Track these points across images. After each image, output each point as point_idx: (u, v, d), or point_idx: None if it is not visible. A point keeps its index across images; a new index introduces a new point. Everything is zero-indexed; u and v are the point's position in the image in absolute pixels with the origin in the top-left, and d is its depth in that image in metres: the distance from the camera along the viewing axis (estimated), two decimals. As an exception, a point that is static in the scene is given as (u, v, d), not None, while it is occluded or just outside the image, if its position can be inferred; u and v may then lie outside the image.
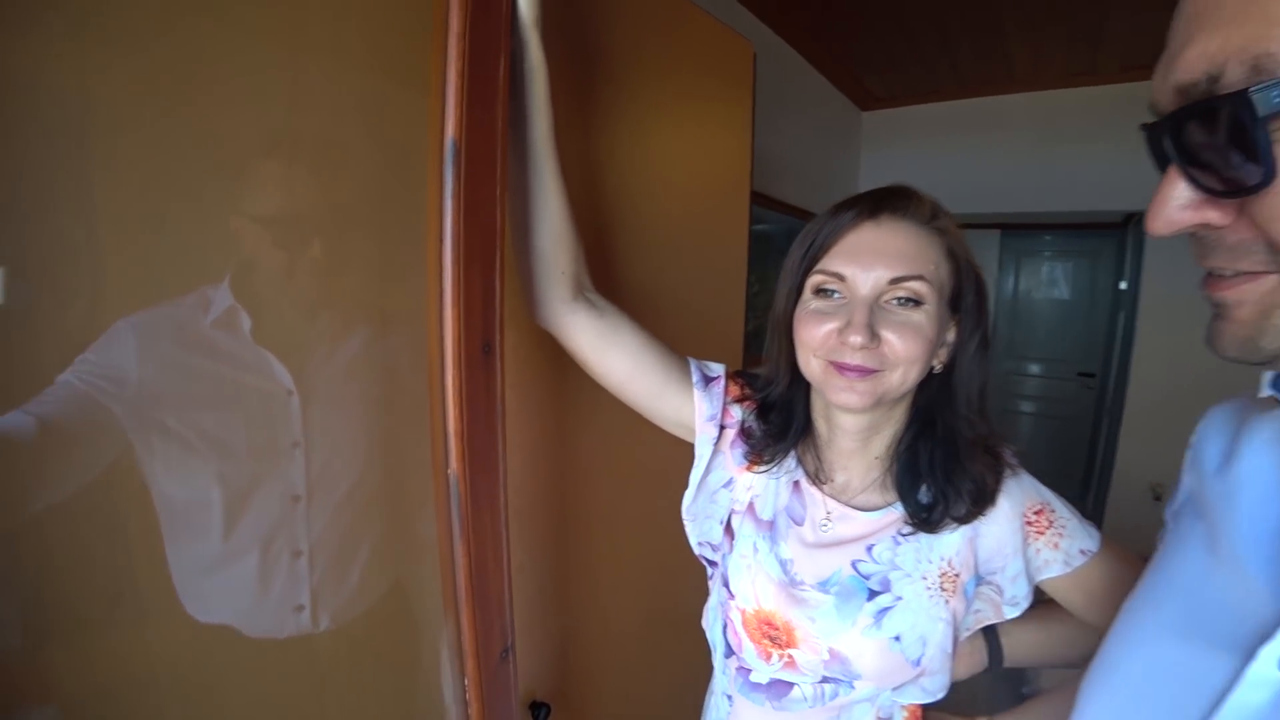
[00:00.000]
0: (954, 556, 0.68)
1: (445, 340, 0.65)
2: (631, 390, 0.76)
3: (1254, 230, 0.35)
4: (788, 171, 2.94)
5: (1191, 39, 0.34)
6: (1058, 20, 2.48)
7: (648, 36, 1.00)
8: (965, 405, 0.67)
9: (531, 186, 0.71)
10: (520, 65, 0.68)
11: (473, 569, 0.73)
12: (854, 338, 0.60)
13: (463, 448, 0.68)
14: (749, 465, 0.75)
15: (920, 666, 0.67)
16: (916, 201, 0.65)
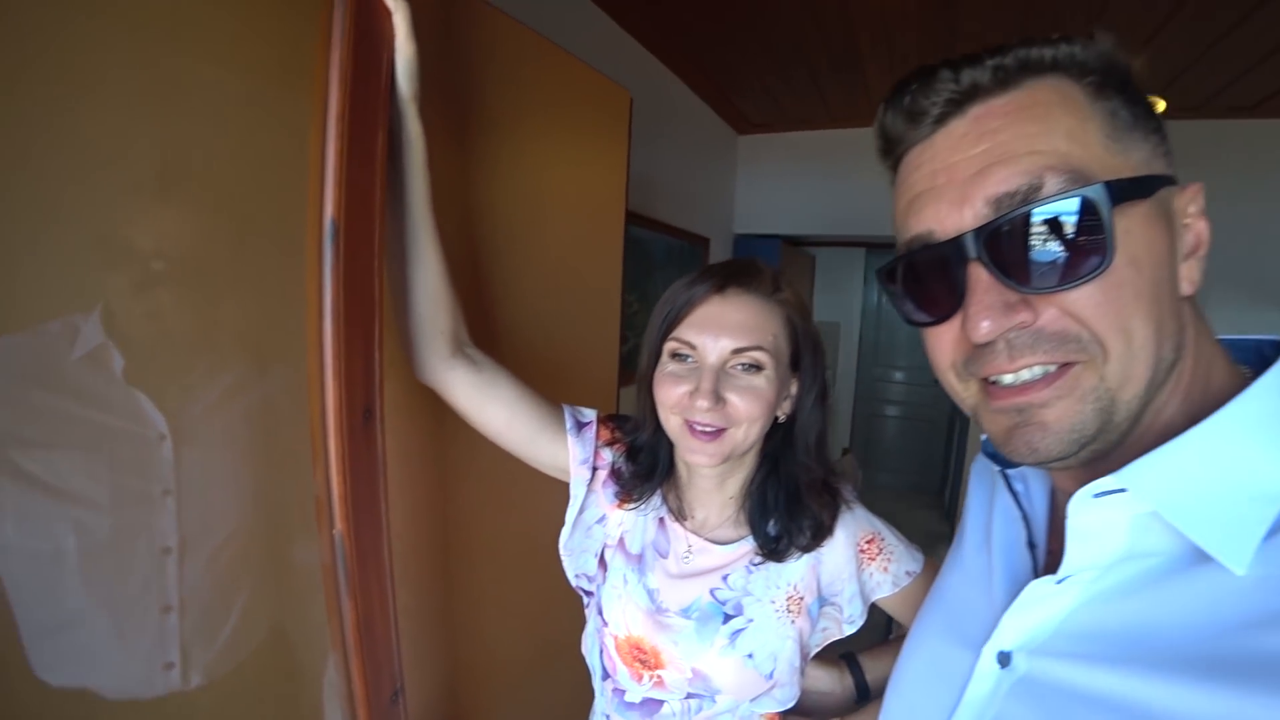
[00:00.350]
0: (799, 582, 0.78)
1: (327, 409, 0.67)
2: (509, 438, 0.82)
3: (1070, 320, 0.38)
4: (666, 192, 3.05)
5: (997, 164, 0.39)
6: (909, 60, 2.78)
7: (528, 89, 1.04)
8: (804, 452, 0.77)
9: (410, 253, 0.74)
10: (398, 137, 0.71)
11: (360, 621, 0.75)
12: (701, 402, 0.69)
13: (346, 509, 0.71)
14: (619, 503, 0.83)
15: (772, 679, 0.77)
16: (760, 277, 0.74)
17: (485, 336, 0.97)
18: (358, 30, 0.62)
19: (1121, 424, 0.39)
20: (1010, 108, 0.40)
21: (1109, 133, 0.39)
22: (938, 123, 0.43)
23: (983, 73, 0.41)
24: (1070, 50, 0.41)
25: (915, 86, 0.43)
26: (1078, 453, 0.40)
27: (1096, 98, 0.40)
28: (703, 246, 3.52)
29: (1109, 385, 0.38)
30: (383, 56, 0.66)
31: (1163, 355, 0.39)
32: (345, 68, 0.61)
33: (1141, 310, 0.38)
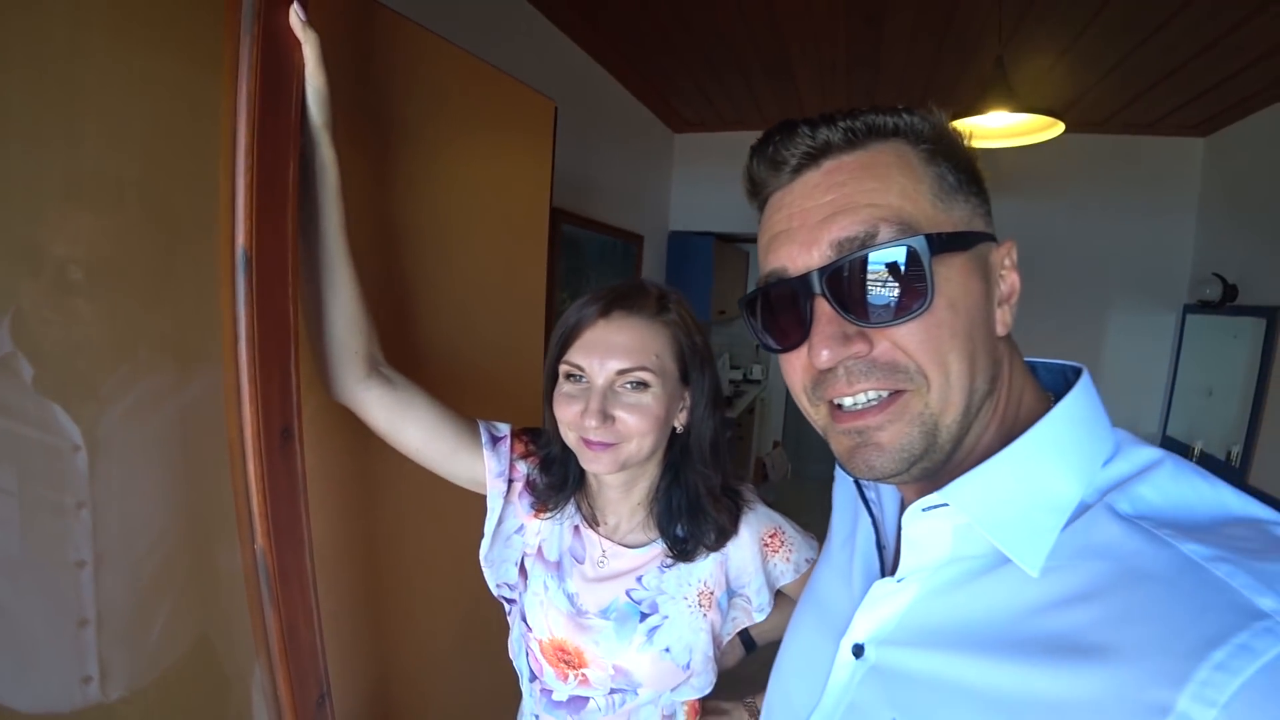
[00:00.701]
0: (708, 578, 0.83)
1: (244, 431, 0.69)
2: (426, 456, 0.85)
3: (900, 352, 0.44)
4: (601, 190, 3.08)
5: (841, 212, 0.44)
6: (837, 77, 2.88)
7: (449, 103, 1.06)
8: (700, 460, 0.82)
9: (324, 278, 0.76)
10: (310, 165, 0.72)
11: (284, 630, 0.77)
12: (589, 421, 0.74)
13: (267, 525, 0.73)
14: (536, 513, 0.87)
15: (689, 670, 0.83)
16: (644, 300, 0.78)
17: (407, 353, 1.00)
18: (265, 62, 0.64)
19: (945, 445, 0.45)
20: (856, 165, 0.46)
21: (936, 193, 0.45)
22: (795, 172, 0.48)
23: (835, 133, 0.46)
24: (910, 120, 0.47)
25: (778, 139, 0.48)
26: (909, 470, 0.45)
27: (929, 163, 0.46)
28: (637, 244, 3.56)
29: (932, 411, 0.44)
30: (293, 87, 0.67)
31: (976, 386, 0.44)
32: (253, 100, 0.63)
33: (957, 347, 0.43)
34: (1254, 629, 0.30)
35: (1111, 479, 0.43)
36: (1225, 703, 0.29)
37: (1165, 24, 2.15)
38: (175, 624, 0.68)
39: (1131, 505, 0.40)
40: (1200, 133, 3.24)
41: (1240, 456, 2.83)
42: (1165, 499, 0.40)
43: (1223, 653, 0.30)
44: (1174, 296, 3.43)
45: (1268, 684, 0.29)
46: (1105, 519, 0.40)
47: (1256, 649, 0.30)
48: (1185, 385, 3.38)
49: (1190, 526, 0.38)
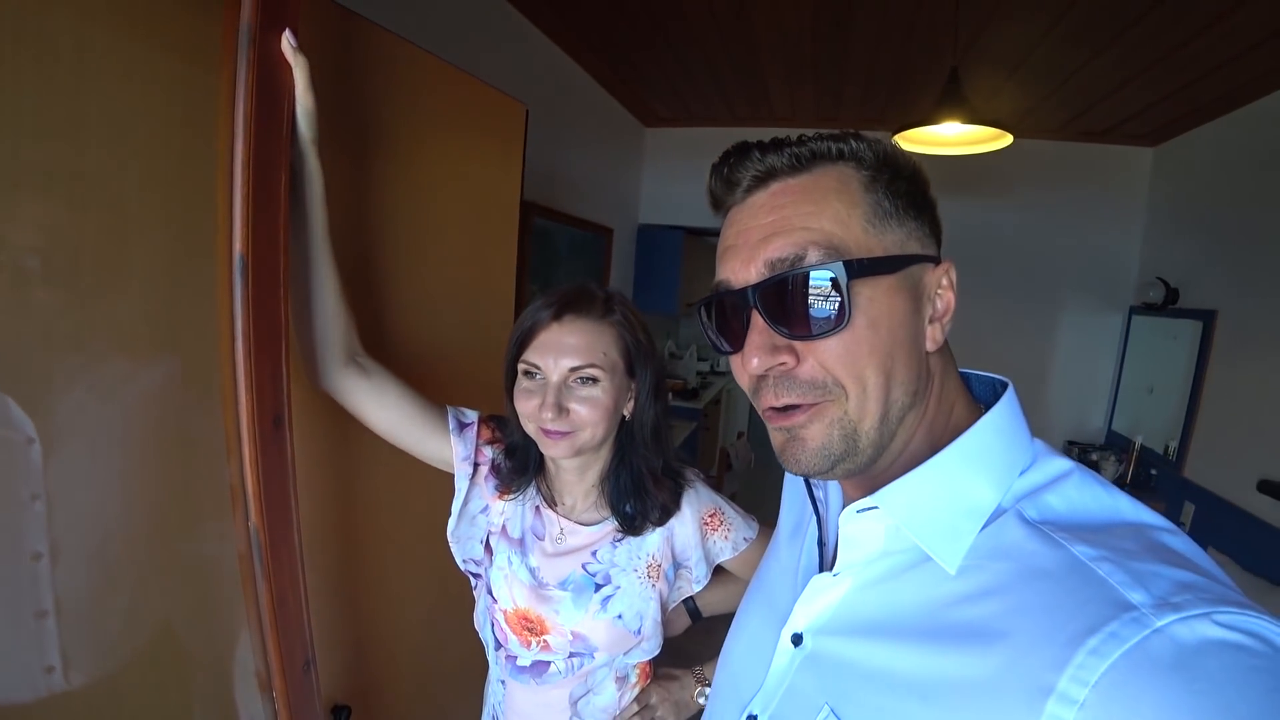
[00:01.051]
0: (656, 552, 0.93)
1: (241, 420, 0.76)
2: (399, 438, 0.93)
3: (820, 369, 0.47)
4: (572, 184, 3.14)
5: (777, 234, 0.48)
6: (805, 79, 2.97)
7: (426, 110, 1.12)
8: (643, 444, 0.92)
9: (310, 278, 0.83)
10: (299, 176, 0.79)
11: (274, 601, 0.85)
12: (546, 414, 0.83)
13: (260, 505, 0.80)
14: (500, 494, 0.96)
15: (640, 634, 0.93)
16: (592, 303, 0.87)
17: (384, 343, 1.07)
18: (260, 85, 0.70)
19: (866, 449, 0.48)
20: (798, 188, 0.49)
21: (869, 218, 0.48)
22: (747, 191, 0.51)
23: (781, 158, 0.50)
24: (856, 146, 0.50)
25: (733, 160, 0.51)
26: (832, 468, 0.49)
27: (868, 189, 0.49)
28: (606, 237, 3.62)
29: (851, 418, 0.48)
30: (284, 107, 0.74)
31: (894, 399, 0.48)
32: (250, 120, 0.69)
33: (875, 363, 0.47)
34: (1123, 619, 0.34)
35: (1025, 488, 0.47)
36: (1095, 682, 0.33)
37: (1117, 39, 2.27)
38: (141, 611, 0.71)
39: (1038, 511, 0.45)
40: (1149, 143, 3.40)
41: (1176, 451, 3.01)
42: (1068, 506, 0.45)
43: (1096, 639, 0.34)
44: (1121, 298, 3.60)
45: (1129, 666, 0.33)
46: (1014, 524, 0.45)
47: (1123, 636, 0.34)
48: (1129, 383, 3.57)
49: (1084, 530, 0.42)
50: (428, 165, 1.14)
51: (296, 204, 0.80)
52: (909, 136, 2.14)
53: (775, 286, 0.47)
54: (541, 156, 2.78)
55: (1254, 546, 2.45)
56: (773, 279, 0.48)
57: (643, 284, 4.20)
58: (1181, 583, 0.36)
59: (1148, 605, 0.35)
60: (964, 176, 3.50)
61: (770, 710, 0.55)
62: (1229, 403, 2.75)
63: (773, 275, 0.48)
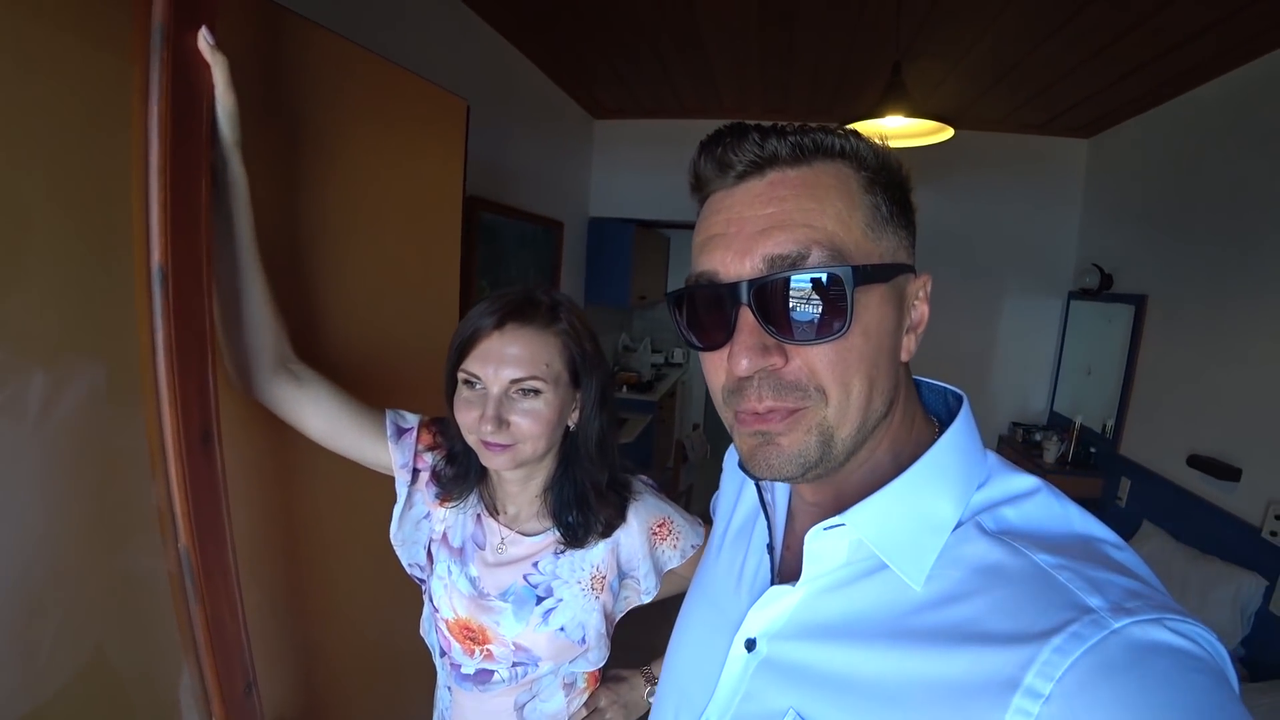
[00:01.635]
0: (600, 563, 0.91)
1: (165, 437, 0.72)
2: (335, 444, 0.90)
3: (805, 372, 0.46)
4: (520, 177, 3.08)
5: (778, 227, 0.45)
6: (752, 72, 2.98)
7: (359, 106, 1.09)
8: (587, 457, 0.89)
9: (237, 286, 0.79)
10: (222, 180, 0.75)
11: (209, 623, 0.81)
12: (485, 427, 0.80)
13: (190, 526, 0.76)
14: (440, 502, 0.94)
15: (585, 644, 0.92)
16: (535, 311, 0.84)
17: (321, 348, 1.04)
18: (175, 85, 0.66)
19: (839, 455, 0.48)
20: (798, 181, 0.47)
21: (869, 222, 0.47)
22: (740, 177, 0.48)
23: (783, 145, 0.47)
24: (856, 145, 0.48)
25: (729, 141, 0.48)
26: (804, 474, 0.48)
27: (867, 190, 0.48)
28: (557, 230, 3.58)
29: (830, 424, 0.47)
30: (202, 108, 0.70)
31: (874, 407, 0.48)
32: (164, 122, 0.65)
33: (862, 371, 0.46)
34: (1084, 621, 0.37)
35: (982, 502, 0.48)
36: (1060, 677, 0.36)
37: (1052, 35, 2.35)
38: (70, 638, 0.69)
39: (995, 523, 0.47)
40: (1084, 134, 3.54)
41: (1113, 429, 3.16)
42: (1023, 518, 0.47)
43: (1060, 638, 0.37)
44: (1060, 284, 3.75)
45: (1090, 663, 0.36)
46: (974, 534, 0.46)
47: (1084, 635, 0.36)
48: (1069, 365, 3.72)
49: (1041, 540, 0.44)
50: (363, 165, 1.11)
51: (220, 209, 0.76)
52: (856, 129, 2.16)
53: (773, 284, 0.45)
54: (487, 149, 2.72)
55: (1185, 518, 2.59)
56: (772, 276, 0.45)
57: (595, 277, 4.17)
58: (1130, 590, 0.39)
59: (1104, 609, 0.37)
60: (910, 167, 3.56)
61: (728, 718, 0.54)
62: (1160, 382, 2.89)
63: (773, 272, 0.45)
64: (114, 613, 0.75)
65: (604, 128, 4.09)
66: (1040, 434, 3.52)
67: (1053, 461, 3.29)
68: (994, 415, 3.90)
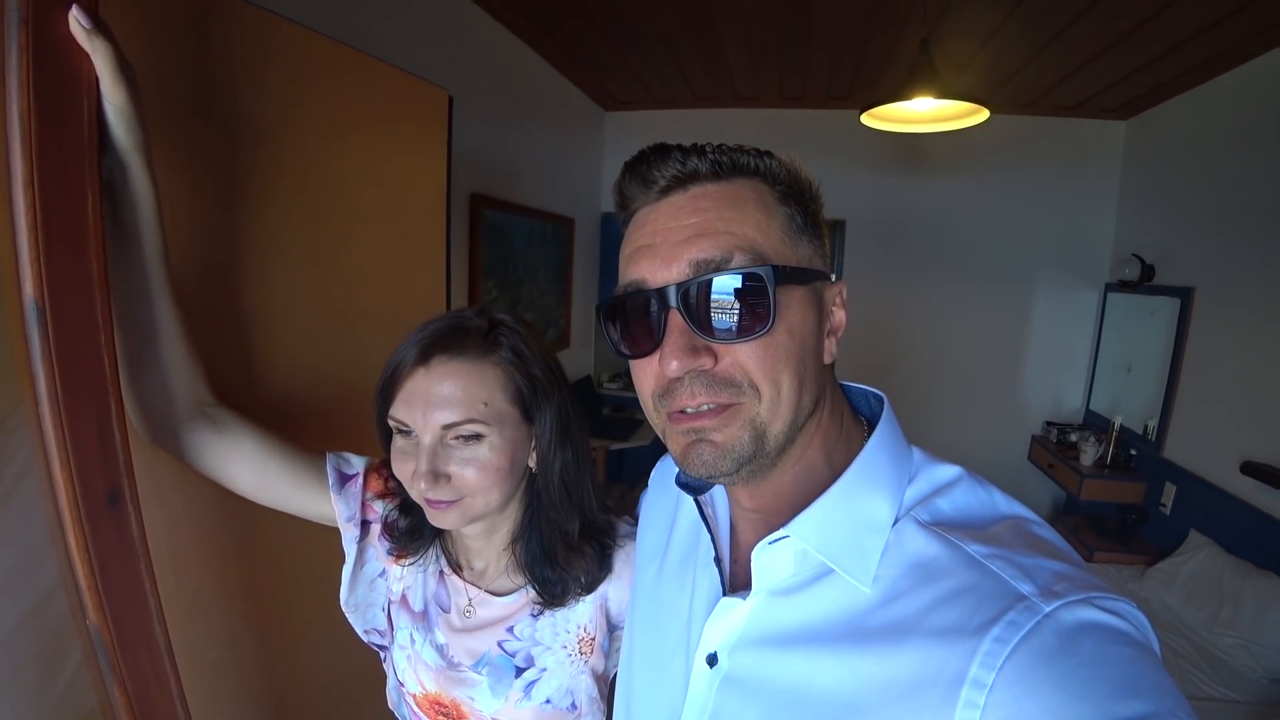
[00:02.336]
0: (587, 624, 0.78)
1: (60, 502, 0.60)
2: (266, 498, 0.77)
3: (737, 368, 0.48)
4: (527, 173, 2.96)
5: (702, 235, 0.48)
6: (768, 55, 2.81)
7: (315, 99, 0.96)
8: (549, 505, 0.75)
9: (140, 318, 0.67)
10: (122, 193, 0.63)
11: (134, 706, 0.70)
12: (419, 484, 0.67)
13: (99, 599, 0.65)
14: (396, 559, 0.80)
15: (577, 710, 0.79)
16: (466, 339, 0.70)
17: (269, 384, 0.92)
18: (40, 82, 0.54)
19: (771, 452, 0.50)
20: (719, 194, 0.49)
21: (785, 230, 0.50)
22: (663, 193, 0.51)
23: (704, 162, 0.50)
24: (770, 163, 0.51)
25: (652, 159, 0.51)
26: (738, 470, 0.50)
27: (782, 202, 0.51)
28: (567, 227, 3.47)
29: (762, 419, 0.49)
30: (81, 106, 0.57)
31: (803, 404, 0.50)
32: (27, 125, 0.53)
33: (790, 368, 0.48)
34: (1018, 608, 0.39)
35: (914, 496, 0.51)
36: (1001, 665, 0.37)
37: (1087, 10, 2.17)
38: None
39: (930, 515, 0.49)
40: (1121, 116, 3.32)
41: (1156, 430, 2.96)
42: (954, 507, 0.50)
43: (998, 628, 0.39)
44: (1097, 275, 3.54)
45: (1026, 649, 0.38)
46: (911, 530, 0.48)
47: (1020, 623, 0.38)
48: (1107, 361, 3.52)
49: (972, 528, 0.47)
50: (321, 168, 0.98)
51: (119, 228, 0.64)
52: (878, 114, 2.01)
53: (700, 287, 0.47)
54: (491, 146, 2.60)
55: (1238, 529, 2.40)
56: (698, 279, 0.47)
57: (609, 275, 4.03)
58: (1057, 572, 0.41)
59: (1036, 594, 0.40)
60: (935, 154, 3.39)
61: None
62: (1209, 381, 2.69)
63: (698, 275, 0.48)
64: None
65: (615, 120, 3.94)
66: (1076, 434, 3.33)
67: (1090, 464, 3.10)
68: (1026, 414, 3.72)
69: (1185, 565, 2.48)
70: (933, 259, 3.68)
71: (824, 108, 3.46)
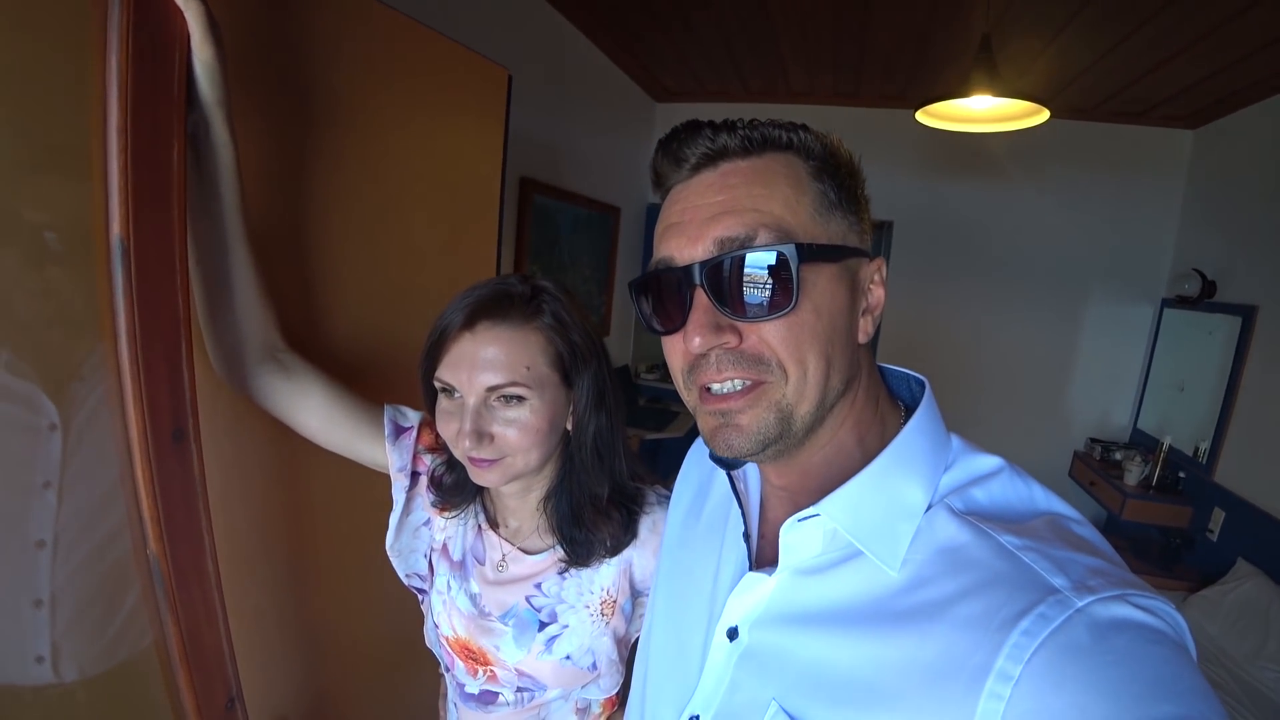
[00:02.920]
0: (611, 586, 0.81)
1: (131, 435, 0.64)
2: (327, 441, 0.82)
3: (764, 347, 0.48)
4: (576, 160, 2.98)
5: (727, 213, 0.48)
6: (823, 49, 2.77)
7: (386, 71, 0.99)
8: (581, 468, 0.78)
9: (218, 264, 0.71)
10: (204, 144, 0.66)
11: (185, 637, 0.74)
12: (464, 442, 0.70)
13: (160, 530, 0.69)
14: (439, 511, 0.85)
15: (596, 670, 0.82)
16: (511, 306, 0.73)
17: (322, 336, 0.95)
18: (138, 35, 0.57)
19: (798, 433, 0.49)
20: (748, 171, 0.49)
21: (817, 206, 0.49)
22: (694, 170, 0.51)
23: (733, 139, 0.49)
24: (804, 137, 0.50)
25: (682, 137, 0.51)
26: (763, 450, 0.50)
27: (815, 178, 0.49)
28: (613, 216, 3.48)
29: (789, 401, 0.48)
30: (173, 60, 0.61)
31: (831, 385, 0.49)
32: (124, 76, 0.57)
33: (816, 348, 0.48)
34: (1049, 601, 0.38)
35: (950, 484, 0.50)
36: (1028, 659, 0.37)
37: (1159, 12, 2.09)
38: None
39: (964, 504, 0.48)
40: (1189, 125, 3.19)
41: (1207, 453, 2.85)
42: (990, 498, 0.49)
43: (1027, 621, 0.38)
44: (1153, 290, 3.41)
45: (1055, 643, 0.37)
46: (944, 517, 0.47)
47: (1050, 616, 0.38)
48: (1159, 379, 3.39)
49: (1006, 520, 0.46)
50: (389, 135, 1.02)
51: (200, 178, 0.67)
52: (933, 111, 1.97)
53: (723, 265, 0.47)
54: (542, 131, 2.63)
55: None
56: (721, 257, 0.47)
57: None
58: (1092, 568, 0.40)
59: (1068, 588, 0.39)
60: (989, 156, 3.30)
61: (714, 709, 0.55)
62: (1269, 405, 2.57)
63: (721, 253, 0.47)
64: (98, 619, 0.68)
65: (665, 111, 3.94)
66: (1121, 453, 3.22)
67: (1135, 484, 3.00)
68: (1069, 429, 3.61)
69: (1230, 594, 2.38)
70: (981, 264, 3.59)
71: (877, 106, 3.40)
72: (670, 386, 4.09)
